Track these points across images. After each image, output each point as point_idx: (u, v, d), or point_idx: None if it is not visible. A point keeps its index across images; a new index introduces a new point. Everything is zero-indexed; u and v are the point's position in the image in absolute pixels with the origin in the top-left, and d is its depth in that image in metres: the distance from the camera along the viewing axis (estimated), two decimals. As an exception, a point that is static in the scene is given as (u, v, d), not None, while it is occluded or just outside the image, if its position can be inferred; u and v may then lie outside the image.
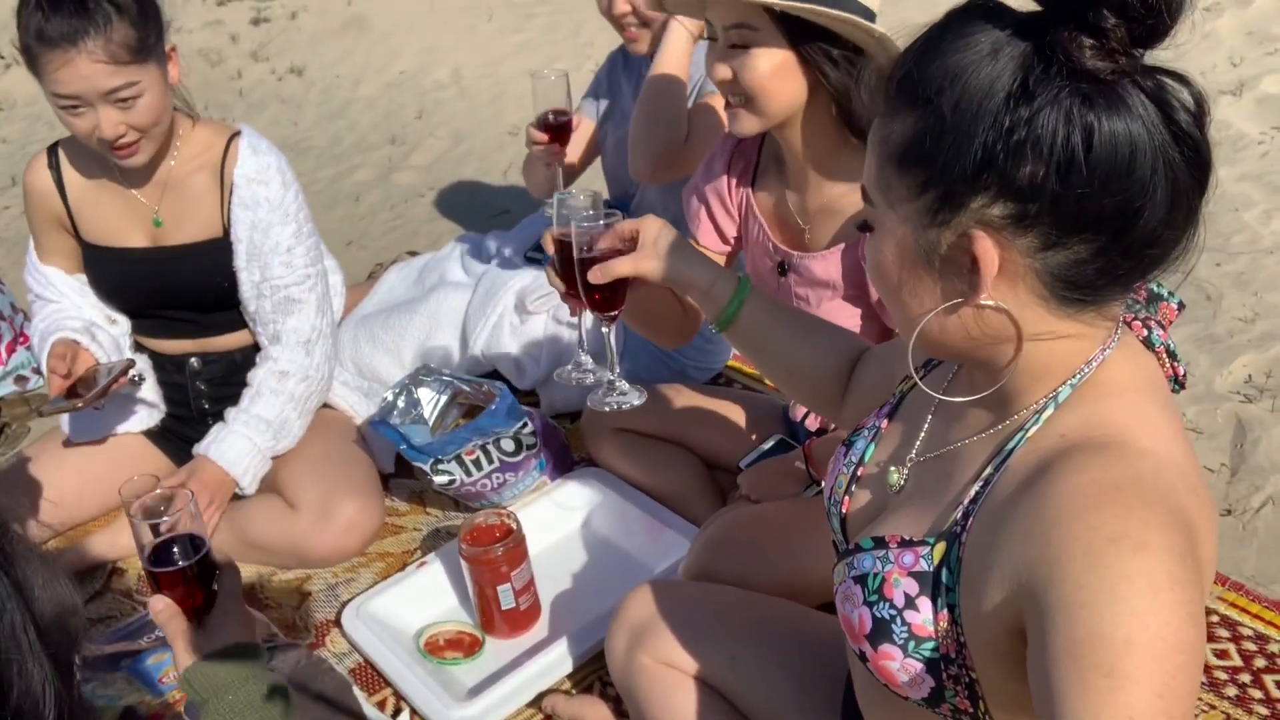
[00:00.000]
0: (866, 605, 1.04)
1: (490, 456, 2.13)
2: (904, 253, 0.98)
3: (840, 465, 1.25)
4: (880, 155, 0.96)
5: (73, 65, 1.93)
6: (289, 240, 2.23)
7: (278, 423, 2.26)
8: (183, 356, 2.36)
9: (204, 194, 2.22)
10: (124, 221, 2.23)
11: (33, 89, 5.69)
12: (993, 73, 0.88)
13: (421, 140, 4.60)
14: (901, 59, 0.96)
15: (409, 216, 3.98)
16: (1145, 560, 0.84)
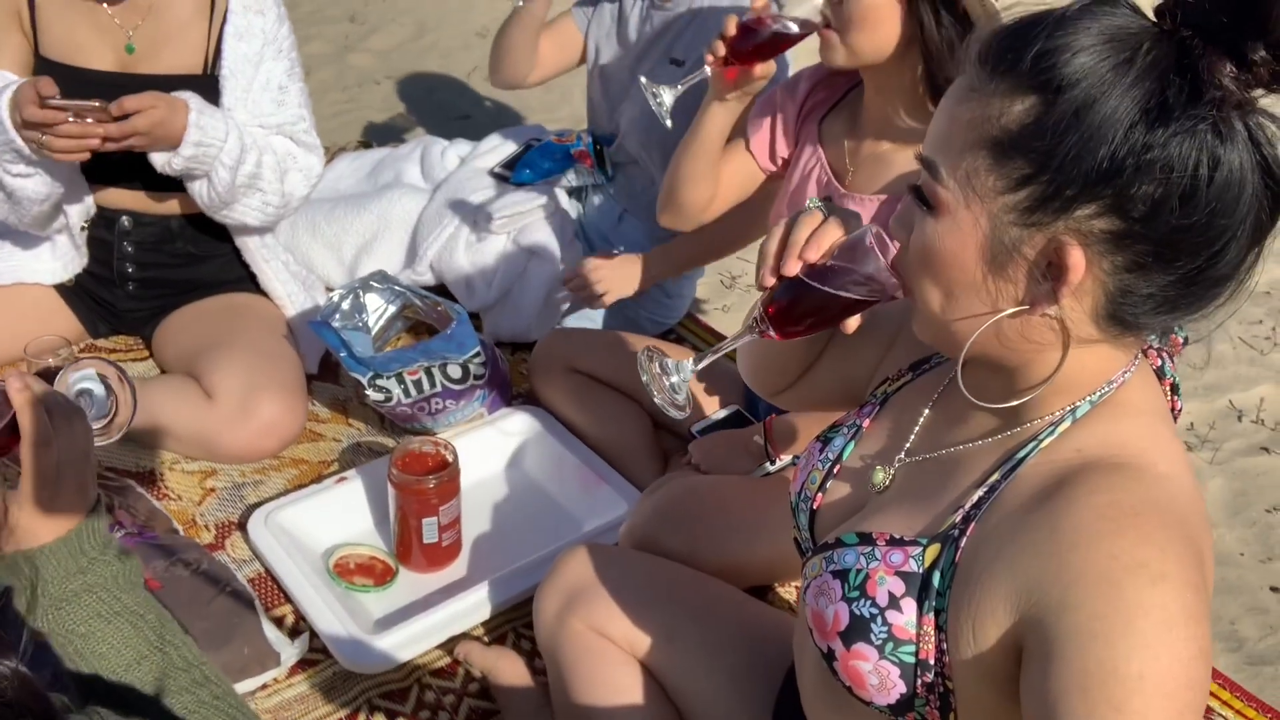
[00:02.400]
0: (845, 601, 0.99)
1: (434, 380, 2.01)
2: (969, 244, 0.90)
3: (815, 460, 1.19)
4: (972, 135, 0.88)
5: None
6: (281, 77, 2.06)
7: (254, 163, 2.02)
8: (115, 212, 2.17)
9: (190, 22, 2.03)
10: (91, 40, 2.02)
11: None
12: (1131, 80, 0.82)
13: (383, 24, 4.36)
14: (1022, 35, 0.87)
15: (361, 102, 3.77)
16: (1162, 593, 0.82)
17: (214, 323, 2.20)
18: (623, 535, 1.80)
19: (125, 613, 0.99)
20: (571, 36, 2.43)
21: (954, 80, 0.94)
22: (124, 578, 1.01)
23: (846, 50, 1.63)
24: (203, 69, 2.05)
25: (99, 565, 0.99)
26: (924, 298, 0.96)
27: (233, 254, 2.27)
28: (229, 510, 2.04)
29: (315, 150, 2.14)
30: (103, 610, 0.98)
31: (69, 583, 0.97)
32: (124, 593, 1.00)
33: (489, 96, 3.84)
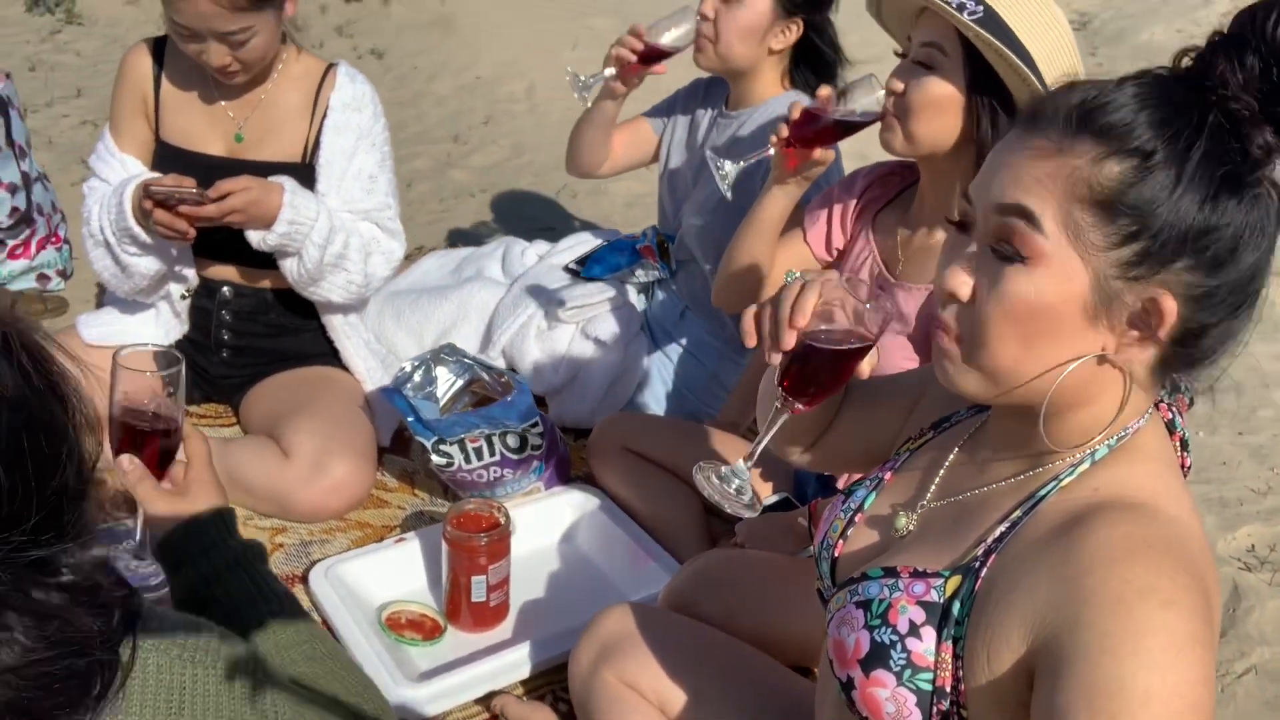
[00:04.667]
0: (867, 629, 1.03)
1: (493, 448, 2.11)
2: (1069, 294, 0.94)
3: (837, 511, 1.25)
4: (1069, 190, 0.93)
5: (193, 3, 1.95)
6: (373, 168, 2.24)
7: (341, 243, 2.18)
8: (218, 283, 2.36)
9: (294, 116, 2.23)
10: (206, 128, 2.24)
11: (115, 11, 5.78)
12: (1204, 150, 0.92)
13: (483, 144, 4.64)
14: (1101, 101, 0.95)
15: (456, 212, 4.00)
16: (1172, 616, 0.86)
17: (296, 390, 2.35)
18: (662, 597, 1.85)
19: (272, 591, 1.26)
20: (645, 135, 2.61)
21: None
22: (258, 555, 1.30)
23: (906, 137, 1.72)
24: (302, 158, 2.25)
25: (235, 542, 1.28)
26: (996, 349, 0.98)
27: (319, 330, 2.44)
28: (294, 564, 2.14)
29: (398, 236, 2.31)
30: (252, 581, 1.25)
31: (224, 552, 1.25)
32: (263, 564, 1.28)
33: (575, 214, 4.04)
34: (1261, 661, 2.12)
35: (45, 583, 0.78)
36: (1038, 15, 1.62)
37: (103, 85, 4.75)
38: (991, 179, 0.98)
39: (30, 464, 0.76)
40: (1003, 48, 1.57)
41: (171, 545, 1.28)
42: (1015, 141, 0.99)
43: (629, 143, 2.59)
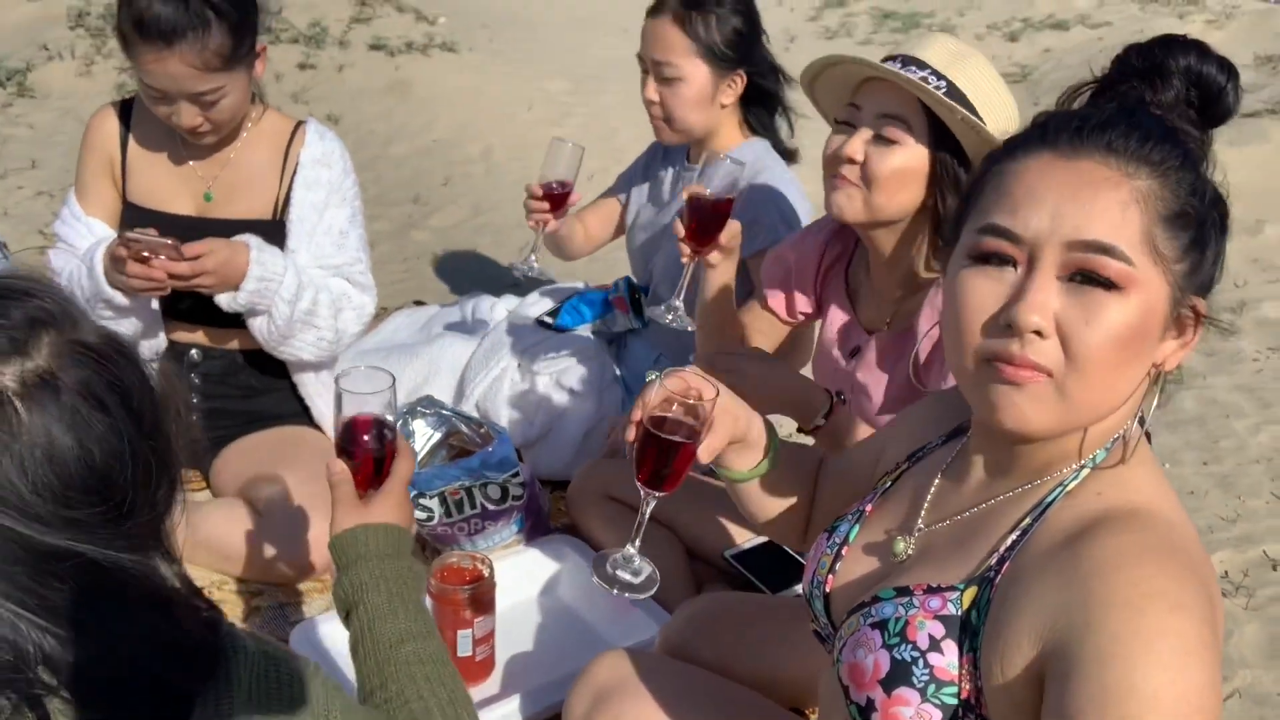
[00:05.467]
0: (885, 648, 1.03)
1: (474, 500, 2.09)
2: (1158, 313, 0.99)
3: (823, 548, 1.26)
4: (1149, 213, 0.98)
5: (165, 64, 1.96)
6: (343, 223, 2.23)
7: (310, 299, 2.17)
8: (185, 346, 2.33)
9: (264, 173, 2.23)
10: (174, 188, 2.23)
11: (69, 84, 5.76)
12: (1194, 143, 1.06)
13: (443, 205, 4.66)
14: (1136, 119, 1.03)
15: (419, 273, 4.00)
16: (1180, 620, 0.87)
17: (269, 451, 2.32)
18: (658, 645, 1.84)
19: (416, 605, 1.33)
20: (613, 210, 2.71)
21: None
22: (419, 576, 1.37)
23: (867, 207, 1.71)
24: (273, 214, 2.24)
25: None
26: (1097, 377, 0.98)
27: (290, 389, 2.41)
28: (272, 628, 2.09)
29: (369, 290, 2.31)
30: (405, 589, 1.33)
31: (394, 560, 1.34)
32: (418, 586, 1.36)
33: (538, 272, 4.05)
34: (1245, 685, 2.14)
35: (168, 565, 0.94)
36: (990, 85, 1.66)
37: (57, 156, 4.73)
38: (1050, 214, 0.99)
39: (160, 454, 0.91)
40: (979, 123, 1.61)
41: (337, 547, 1.36)
42: (1056, 169, 1.01)
43: (602, 222, 2.72)
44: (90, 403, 0.87)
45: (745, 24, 2.28)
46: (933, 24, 8.44)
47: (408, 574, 1.35)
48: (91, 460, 0.86)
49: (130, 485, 0.89)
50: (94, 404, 0.87)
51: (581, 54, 7.26)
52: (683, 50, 2.24)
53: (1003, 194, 1.03)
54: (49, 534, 0.83)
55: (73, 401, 0.85)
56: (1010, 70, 6.99)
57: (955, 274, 1.06)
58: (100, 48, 6.00)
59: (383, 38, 6.45)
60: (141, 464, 0.89)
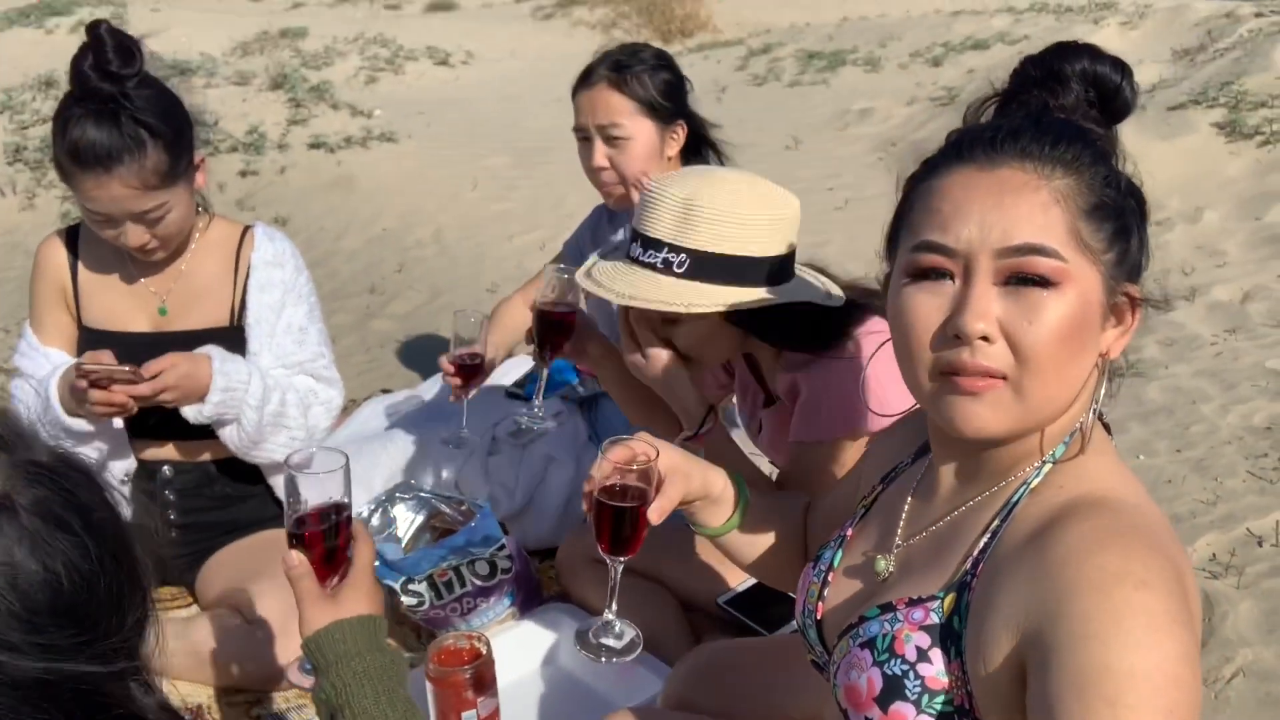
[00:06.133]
0: (876, 665, 1.05)
1: (463, 579, 2.09)
2: (1094, 303, 1.03)
3: (810, 577, 1.29)
4: (1071, 210, 1.02)
5: (105, 188, 1.97)
6: (302, 320, 2.24)
7: (278, 401, 2.17)
8: (156, 463, 2.32)
9: (217, 282, 2.24)
10: (128, 307, 2.23)
11: (13, 219, 5.76)
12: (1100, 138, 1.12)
13: (401, 291, 4.68)
14: (1048, 124, 1.08)
15: (384, 361, 4.01)
16: (1147, 597, 0.90)
17: (252, 558, 2.30)
18: (661, 700, 1.83)
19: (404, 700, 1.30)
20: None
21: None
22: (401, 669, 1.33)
23: (700, 366, 1.82)
24: (230, 320, 2.25)
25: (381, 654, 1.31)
26: (1050, 373, 1.01)
27: (266, 492, 2.40)
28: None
29: (335, 384, 2.32)
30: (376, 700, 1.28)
31: (365, 658, 1.30)
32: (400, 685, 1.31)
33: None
34: (1247, 663, 2.16)
35: (145, 689, 0.90)
36: (732, 214, 1.64)
37: (8, 292, 4.72)
38: (977, 225, 1.02)
39: (127, 571, 0.89)
40: (712, 307, 1.63)
41: (313, 648, 1.32)
42: (977, 181, 1.04)
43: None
44: (50, 523, 0.85)
45: (672, 75, 2.37)
46: (857, 58, 8.63)
47: (390, 667, 1.32)
48: (58, 582, 0.84)
49: (101, 606, 0.87)
50: (54, 523, 0.85)
51: (518, 128, 7.37)
52: (626, 110, 2.31)
53: (930, 211, 1.07)
54: (21, 660, 0.81)
55: (32, 524, 0.84)
56: (938, 94, 7.16)
57: (897, 293, 1.09)
58: (40, 179, 6.02)
59: (321, 135, 6.51)
60: (110, 583, 0.87)
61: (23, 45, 13.69)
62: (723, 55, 10.65)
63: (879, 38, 9.25)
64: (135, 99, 1.95)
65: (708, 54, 11.27)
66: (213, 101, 6.77)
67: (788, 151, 6.66)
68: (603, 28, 19.15)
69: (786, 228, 1.69)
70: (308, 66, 10.24)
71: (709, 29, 18.82)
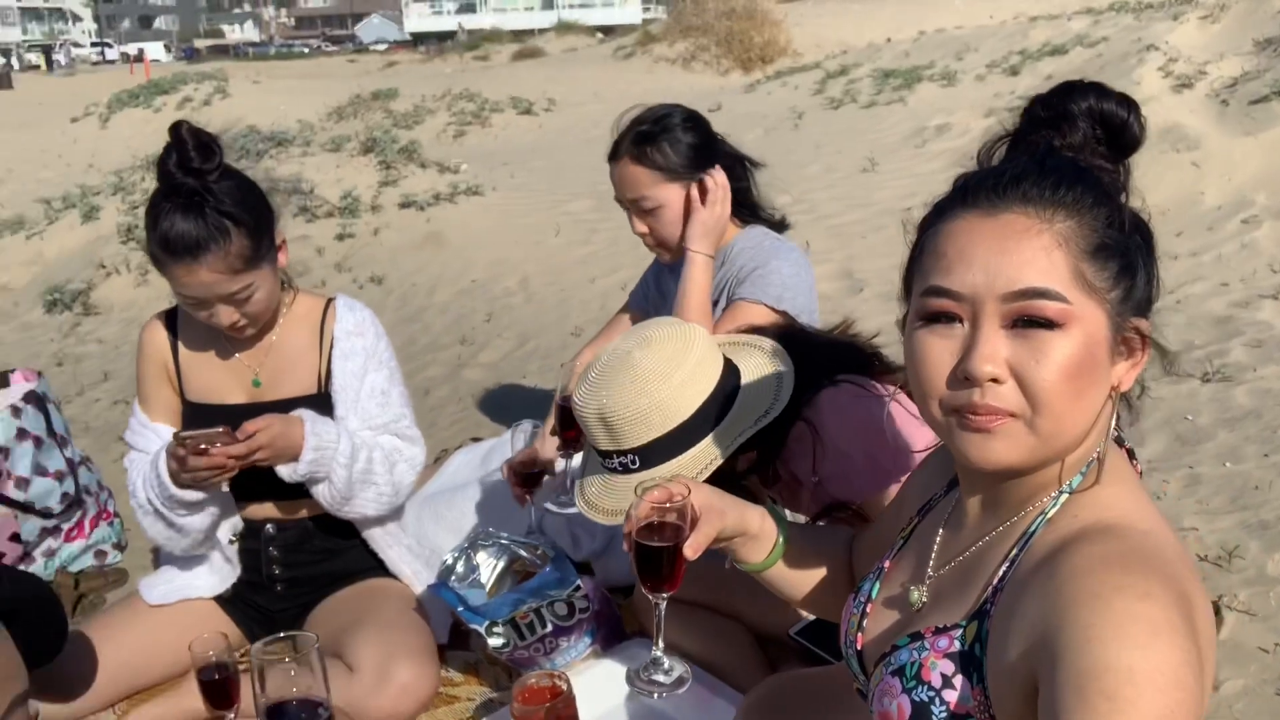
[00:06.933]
0: (905, 693, 1.10)
1: (544, 620, 2.19)
2: (1099, 340, 1.07)
3: (850, 609, 1.35)
4: (1074, 252, 1.06)
5: (195, 275, 2.14)
6: (383, 384, 2.39)
7: (365, 459, 2.32)
8: (260, 522, 2.48)
9: (304, 353, 2.41)
10: (225, 381, 2.41)
11: (129, 295, 6.12)
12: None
13: (490, 340, 4.85)
14: (1053, 165, 1.12)
15: (475, 409, 4.16)
16: (1148, 606, 0.93)
17: (351, 607, 2.45)
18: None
19: None
20: (627, 326, 2.81)
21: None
22: None
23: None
24: (318, 388, 2.41)
25: None
26: (1059, 409, 1.05)
27: (362, 545, 2.55)
28: (376, 776, 2.19)
29: (417, 441, 2.46)
30: None
31: None
32: None
33: (587, 384, 4.20)
34: (1333, 671, 2.13)
35: None
36: (649, 402, 1.72)
37: (127, 366, 5.03)
38: (982, 270, 1.06)
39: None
40: (675, 483, 1.62)
41: None
42: (980, 227, 1.09)
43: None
44: None
45: (697, 136, 2.44)
46: (933, 73, 8.61)
47: None
48: None
49: None
50: None
51: (599, 171, 7.49)
52: (650, 182, 2.41)
53: (938, 256, 1.12)
54: None
55: None
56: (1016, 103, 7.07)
57: (911, 336, 1.14)
58: (153, 256, 6.38)
59: (411, 194, 6.77)
60: None
61: (133, 125, 14.52)
62: (800, 80, 10.71)
63: (955, 50, 9.21)
64: (217, 191, 2.13)
65: (785, 80, 11.34)
66: (309, 169, 7.11)
67: (864, 174, 6.69)
68: (683, 62, 19.42)
69: (697, 375, 1.76)
70: (399, 126, 10.64)
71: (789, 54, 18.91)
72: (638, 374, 1.74)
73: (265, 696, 1.41)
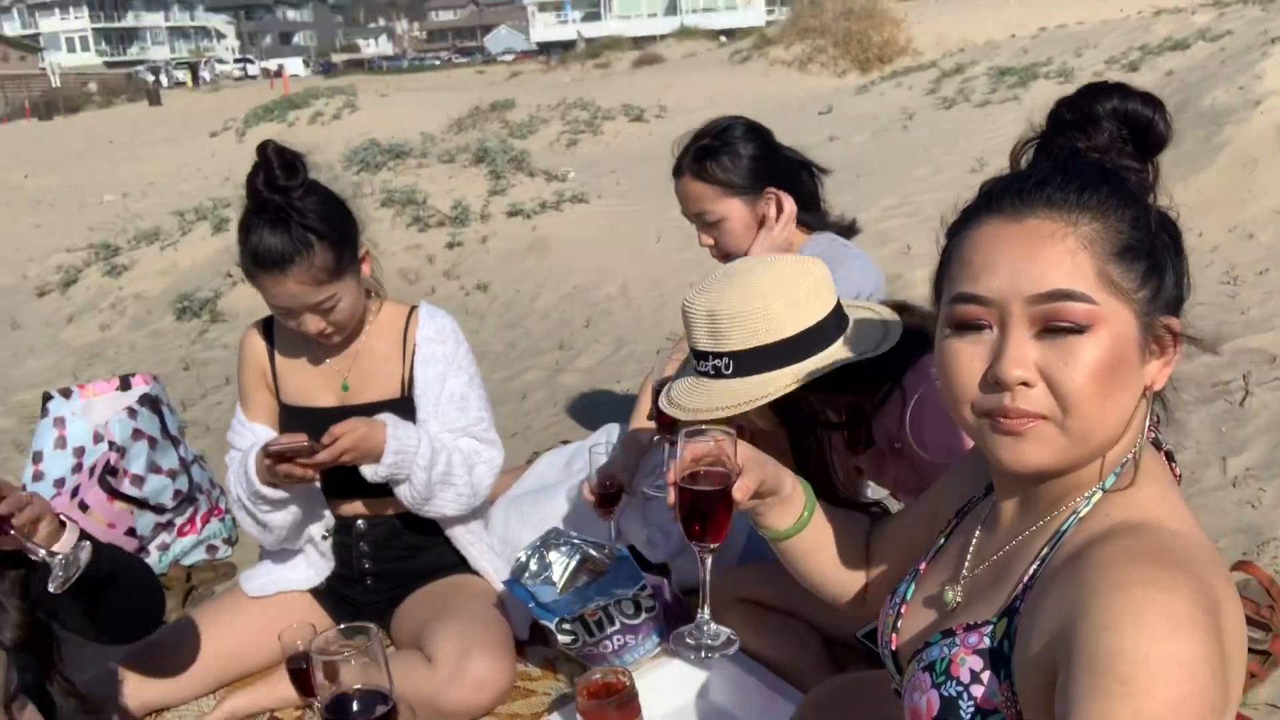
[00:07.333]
0: (935, 688, 1.13)
1: (612, 618, 2.25)
2: (1127, 343, 1.07)
3: (887, 610, 1.36)
4: (1099, 253, 1.07)
5: (282, 286, 2.28)
6: (462, 388, 2.50)
7: (445, 462, 2.43)
8: (351, 518, 2.61)
9: (388, 358, 2.53)
10: (317, 385, 2.54)
11: (253, 303, 6.42)
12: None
13: (588, 345, 4.94)
14: (1076, 168, 1.13)
15: (569, 413, 4.25)
16: (1170, 597, 0.93)
17: (434, 601, 2.55)
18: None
19: None
20: None
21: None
22: None
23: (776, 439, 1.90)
24: (401, 393, 2.52)
25: None
26: (1089, 411, 1.07)
27: (446, 543, 2.65)
28: (452, 765, 2.28)
29: (495, 445, 2.55)
30: None
31: None
32: None
33: (679, 389, 4.25)
34: None
35: None
36: (757, 311, 1.76)
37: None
38: (1008, 275, 1.08)
39: None
40: (763, 398, 1.75)
41: None
42: (1006, 233, 1.10)
43: None
44: None
45: (757, 148, 2.47)
46: (1050, 70, 8.40)
47: None
48: None
49: None
50: None
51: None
52: (712, 196, 2.46)
53: (964, 263, 1.13)
54: None
55: None
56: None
57: (941, 343, 1.16)
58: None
59: (518, 203, 6.93)
60: None
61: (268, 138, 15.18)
62: (914, 80, 10.57)
63: (1075, 46, 8.96)
64: (302, 206, 2.25)
65: (900, 80, 11.20)
66: (423, 180, 7.34)
67: (973, 174, 6.58)
68: (799, 64, 19.33)
69: (809, 301, 1.79)
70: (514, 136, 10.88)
71: (908, 53, 18.63)
72: (754, 282, 1.80)
73: (327, 686, 1.45)
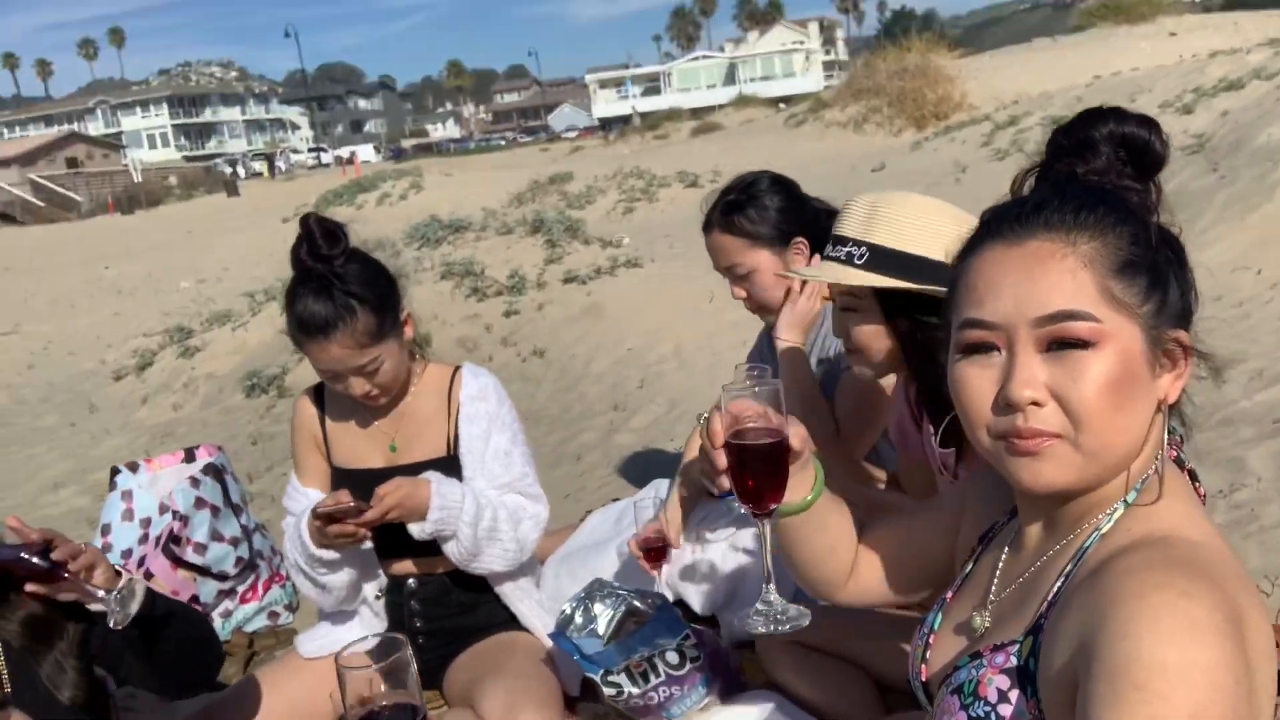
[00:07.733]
0: (963, 709, 1.13)
1: (656, 668, 2.25)
2: (1134, 357, 1.09)
3: (916, 641, 1.37)
4: (1099, 271, 1.09)
5: (327, 350, 2.36)
6: (506, 445, 2.55)
7: (490, 518, 2.45)
8: (402, 577, 2.65)
9: (433, 419, 2.59)
10: (366, 447, 2.61)
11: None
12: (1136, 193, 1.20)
13: (642, 405, 4.98)
14: (1073, 190, 1.16)
15: (623, 473, 4.28)
16: (1189, 603, 0.93)
17: (484, 658, 2.57)
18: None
19: None
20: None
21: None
22: None
23: (866, 367, 2.00)
24: (447, 451, 2.57)
25: None
26: (1102, 426, 1.09)
27: (495, 600, 2.68)
28: (505, 820, 2.28)
29: (540, 500, 2.59)
30: None
31: None
32: None
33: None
34: None
35: None
36: (911, 220, 1.85)
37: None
38: (1012, 298, 1.11)
39: None
40: (898, 284, 1.82)
41: None
42: (1007, 257, 1.13)
43: None
44: None
45: (784, 199, 2.51)
46: (1103, 118, 8.35)
47: None
48: None
49: None
50: None
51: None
52: (740, 249, 2.51)
53: (969, 289, 1.16)
54: None
55: None
56: (1188, 143, 6.81)
57: (952, 369, 1.19)
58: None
59: (573, 270, 7.05)
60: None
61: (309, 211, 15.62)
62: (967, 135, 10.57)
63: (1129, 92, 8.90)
64: (344, 274, 2.33)
65: (953, 135, 11.20)
66: (480, 252, 7.50)
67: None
68: (854, 125, 19.43)
69: (952, 247, 1.81)
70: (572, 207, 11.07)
71: (963, 108, 18.63)
72: (925, 203, 1.91)
73: (354, 705, 1.42)
